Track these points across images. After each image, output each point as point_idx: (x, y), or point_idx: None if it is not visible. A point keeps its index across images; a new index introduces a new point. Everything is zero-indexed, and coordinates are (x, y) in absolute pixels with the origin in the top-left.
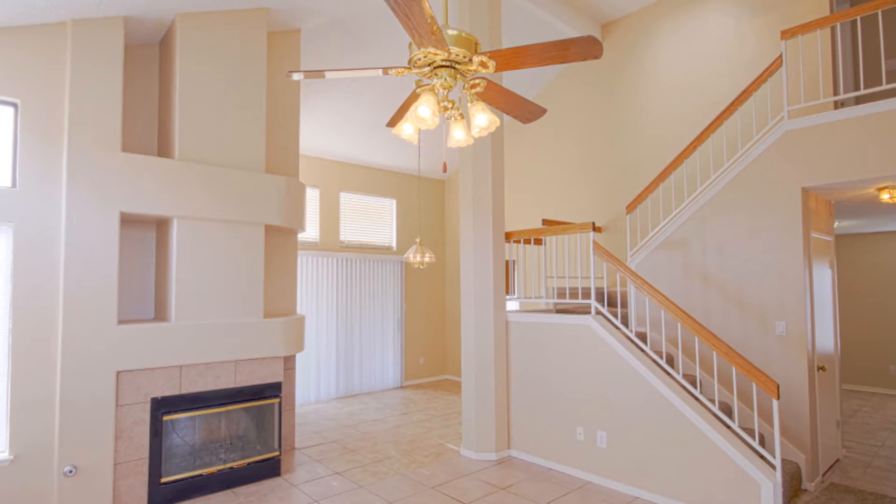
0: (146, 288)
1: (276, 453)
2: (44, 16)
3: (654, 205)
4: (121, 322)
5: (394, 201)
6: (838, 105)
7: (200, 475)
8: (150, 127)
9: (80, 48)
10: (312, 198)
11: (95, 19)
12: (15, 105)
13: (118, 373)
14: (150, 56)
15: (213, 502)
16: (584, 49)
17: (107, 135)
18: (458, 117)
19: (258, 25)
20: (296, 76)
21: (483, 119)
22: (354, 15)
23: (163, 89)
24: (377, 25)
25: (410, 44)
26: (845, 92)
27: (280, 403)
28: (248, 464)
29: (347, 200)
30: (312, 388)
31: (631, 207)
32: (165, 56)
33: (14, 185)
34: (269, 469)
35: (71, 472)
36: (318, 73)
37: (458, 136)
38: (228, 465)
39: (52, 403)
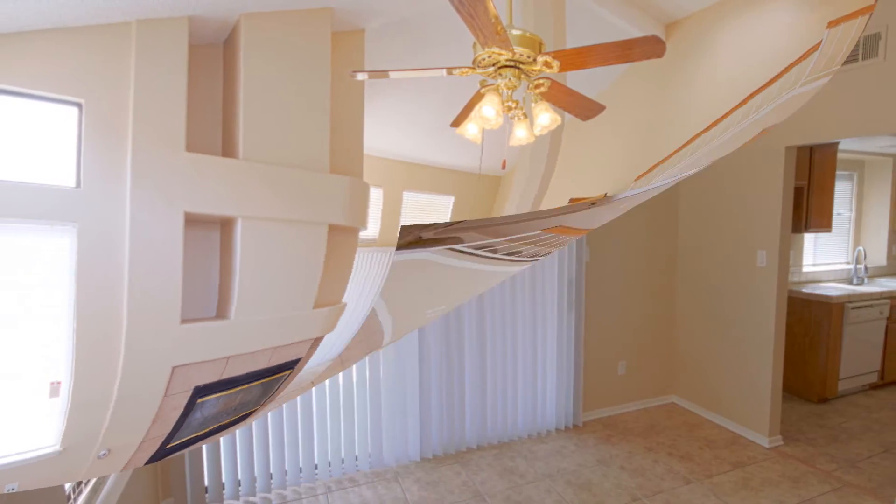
0: (209, 286)
1: None
2: (108, 16)
3: None
4: (183, 321)
5: (451, 199)
6: None
7: (197, 436)
8: (214, 127)
9: (144, 48)
10: (375, 197)
11: (160, 19)
12: (79, 105)
13: (173, 367)
14: (214, 55)
15: None
16: (647, 48)
17: (171, 134)
18: (522, 116)
19: (323, 25)
20: (360, 76)
21: (546, 118)
22: (419, 15)
23: (227, 89)
24: (441, 25)
25: (474, 44)
26: None
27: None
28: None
29: (410, 199)
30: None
31: None
32: (230, 56)
33: (78, 185)
34: None
35: (104, 454)
36: (383, 73)
37: (521, 134)
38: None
39: (108, 400)
